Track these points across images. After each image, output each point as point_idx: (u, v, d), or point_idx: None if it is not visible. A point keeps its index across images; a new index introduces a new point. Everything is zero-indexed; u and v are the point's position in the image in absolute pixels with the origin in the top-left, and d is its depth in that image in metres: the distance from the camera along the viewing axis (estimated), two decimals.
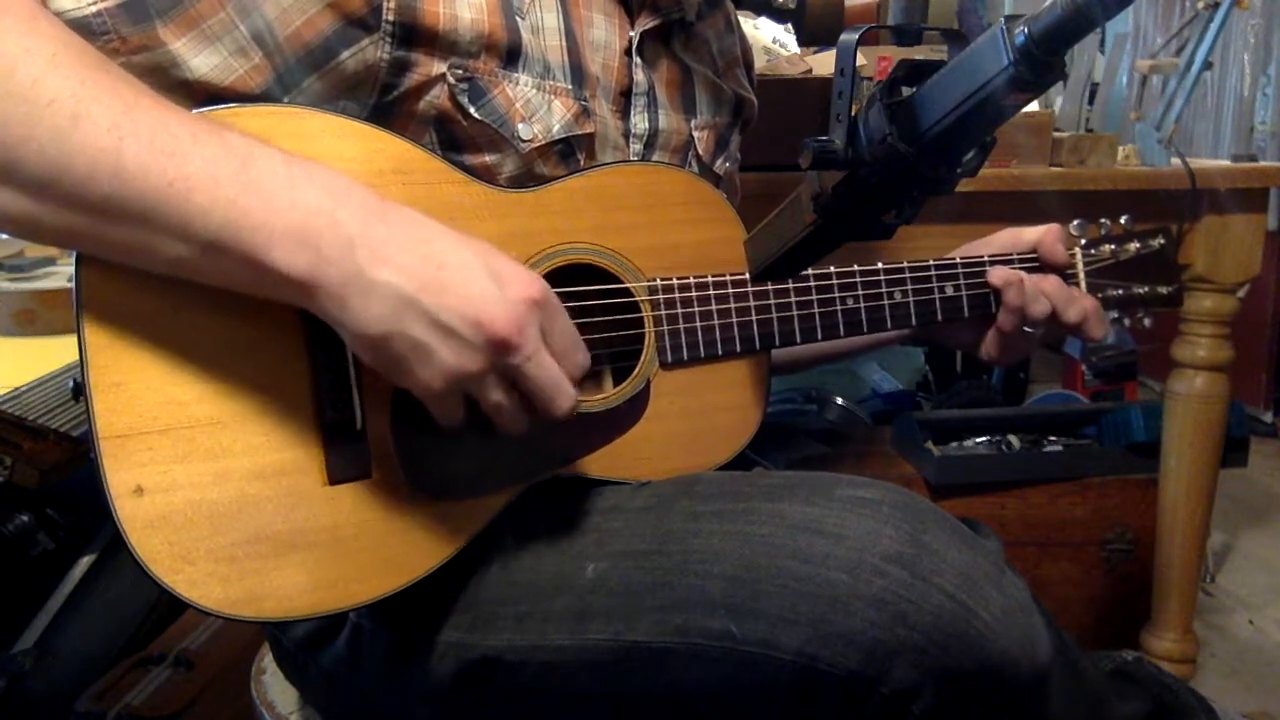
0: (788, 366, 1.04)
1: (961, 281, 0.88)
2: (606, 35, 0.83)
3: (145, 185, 0.56)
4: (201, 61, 0.65)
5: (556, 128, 0.78)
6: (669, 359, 0.80)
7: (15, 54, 0.55)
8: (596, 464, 0.78)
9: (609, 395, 0.78)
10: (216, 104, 0.66)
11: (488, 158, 0.76)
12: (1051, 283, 0.88)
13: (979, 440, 1.82)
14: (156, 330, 0.63)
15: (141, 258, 0.59)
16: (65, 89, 0.55)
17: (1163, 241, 0.95)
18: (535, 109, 0.77)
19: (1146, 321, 0.95)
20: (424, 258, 0.60)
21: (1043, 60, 0.49)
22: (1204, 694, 0.89)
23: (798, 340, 0.84)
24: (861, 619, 0.62)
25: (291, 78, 0.69)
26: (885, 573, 0.62)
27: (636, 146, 0.85)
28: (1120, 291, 0.93)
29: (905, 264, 0.87)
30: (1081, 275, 0.92)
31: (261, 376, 0.65)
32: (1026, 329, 0.88)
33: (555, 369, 0.64)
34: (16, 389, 1.52)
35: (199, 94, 0.66)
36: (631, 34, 0.84)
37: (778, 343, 0.84)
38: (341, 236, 0.59)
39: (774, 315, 0.83)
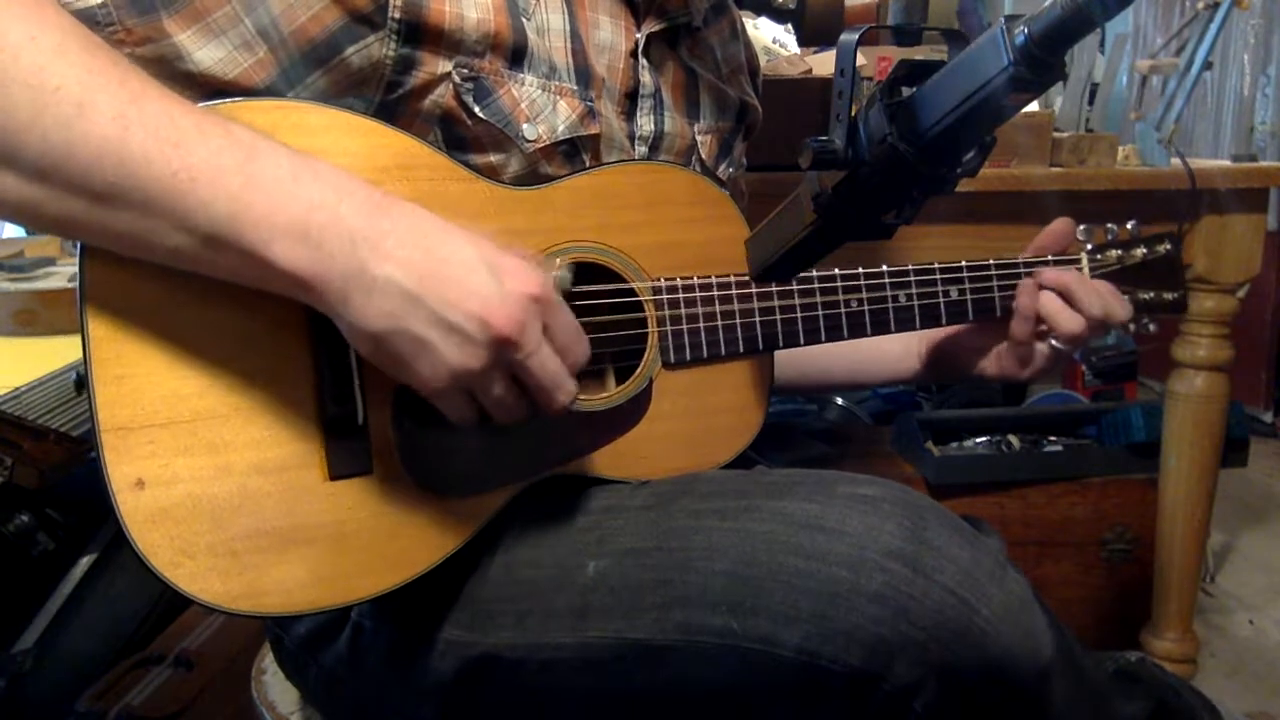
0: (803, 389, 1.04)
1: (966, 285, 0.88)
2: (612, 37, 0.83)
3: (149, 174, 0.56)
4: (206, 54, 0.65)
5: (561, 128, 0.78)
6: (672, 359, 0.80)
7: (21, 41, 0.55)
8: (598, 463, 0.78)
9: (611, 394, 0.78)
10: (221, 98, 0.66)
11: (492, 157, 0.76)
12: (1072, 276, 0.86)
13: (979, 440, 1.82)
14: (160, 324, 0.63)
15: (142, 247, 0.59)
16: (71, 76, 0.55)
17: (1169, 247, 0.94)
18: (540, 109, 0.77)
19: (1151, 326, 0.94)
20: (425, 252, 0.60)
21: (1043, 60, 0.49)
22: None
23: (801, 341, 0.84)
24: (863, 615, 0.62)
25: (296, 73, 0.69)
26: (887, 569, 0.62)
27: (641, 149, 0.85)
28: (1125, 297, 0.93)
29: (910, 266, 0.87)
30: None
31: (264, 370, 0.65)
32: (1060, 345, 0.86)
33: (556, 364, 0.64)
34: (16, 389, 1.52)
35: (204, 87, 0.66)
36: (638, 36, 0.84)
37: (781, 344, 0.84)
38: (344, 232, 0.58)
39: (777, 316, 0.83)
